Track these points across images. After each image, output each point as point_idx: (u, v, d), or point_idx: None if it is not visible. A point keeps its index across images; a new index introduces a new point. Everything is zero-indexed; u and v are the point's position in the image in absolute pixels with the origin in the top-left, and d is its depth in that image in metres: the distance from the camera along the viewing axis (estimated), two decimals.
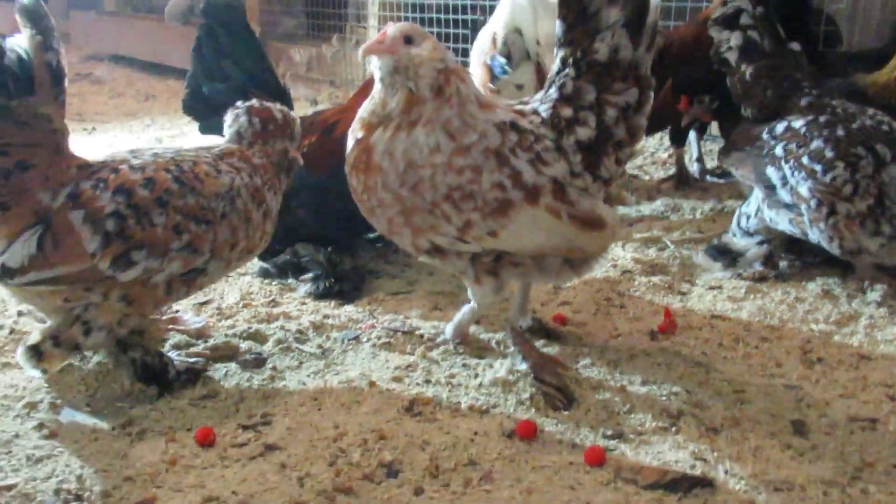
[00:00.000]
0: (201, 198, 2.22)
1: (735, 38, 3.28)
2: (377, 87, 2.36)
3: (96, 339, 2.20)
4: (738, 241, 3.33)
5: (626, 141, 2.40)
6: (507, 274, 2.43)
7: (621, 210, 4.08)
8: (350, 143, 2.39)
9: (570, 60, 2.37)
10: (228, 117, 2.53)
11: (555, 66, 2.42)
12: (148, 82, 8.60)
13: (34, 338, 2.22)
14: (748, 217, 3.26)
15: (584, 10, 2.32)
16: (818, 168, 2.88)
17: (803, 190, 2.91)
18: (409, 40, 2.26)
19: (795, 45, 3.26)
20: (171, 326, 2.71)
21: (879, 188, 2.81)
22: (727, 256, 3.31)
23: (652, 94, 2.43)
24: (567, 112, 2.34)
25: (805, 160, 2.92)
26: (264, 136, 2.49)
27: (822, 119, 2.99)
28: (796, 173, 2.94)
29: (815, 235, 2.94)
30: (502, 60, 3.77)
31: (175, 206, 2.17)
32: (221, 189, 2.26)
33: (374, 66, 2.32)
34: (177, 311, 2.83)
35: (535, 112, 2.39)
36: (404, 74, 2.26)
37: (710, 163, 4.65)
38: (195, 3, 9.30)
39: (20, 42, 2.06)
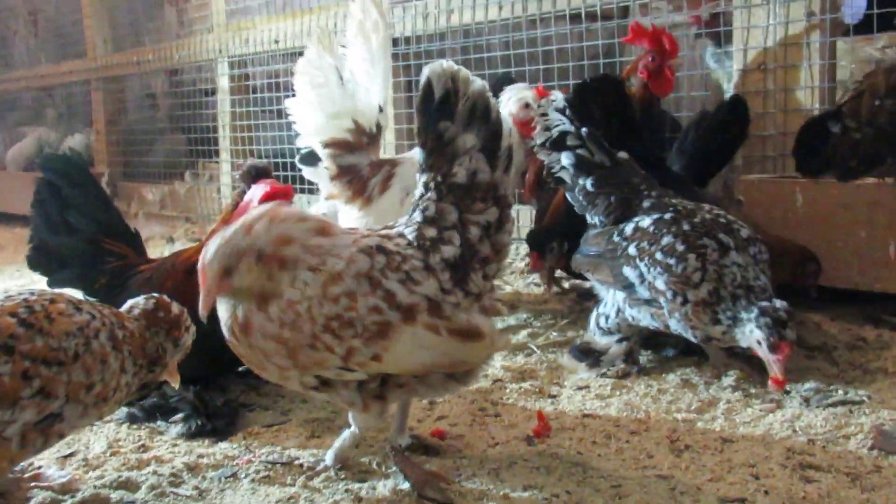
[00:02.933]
0: (50, 338, 2.15)
1: (566, 158, 3.48)
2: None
3: None
4: (598, 341, 3.47)
5: (492, 257, 2.51)
6: (394, 396, 2.46)
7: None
8: (224, 325, 2.38)
9: (432, 184, 2.48)
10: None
11: (418, 190, 2.53)
12: None
13: None
14: (606, 317, 3.42)
15: (440, 137, 2.45)
16: (672, 261, 3.07)
17: (660, 284, 3.09)
18: (227, 272, 2.26)
19: (623, 154, 3.50)
20: (34, 484, 2.57)
21: (718, 275, 3.02)
22: (590, 356, 3.44)
23: (511, 213, 2.57)
24: (431, 232, 2.44)
25: (658, 255, 3.11)
26: (151, 322, 2.49)
27: (666, 216, 3.20)
28: (652, 269, 3.12)
29: (674, 325, 3.10)
30: None
31: (22, 351, 2.10)
32: (73, 327, 2.21)
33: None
34: (39, 468, 2.69)
35: (401, 235, 2.47)
36: (237, 299, 2.31)
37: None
38: (41, 148, 9.15)
39: None
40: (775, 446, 2.68)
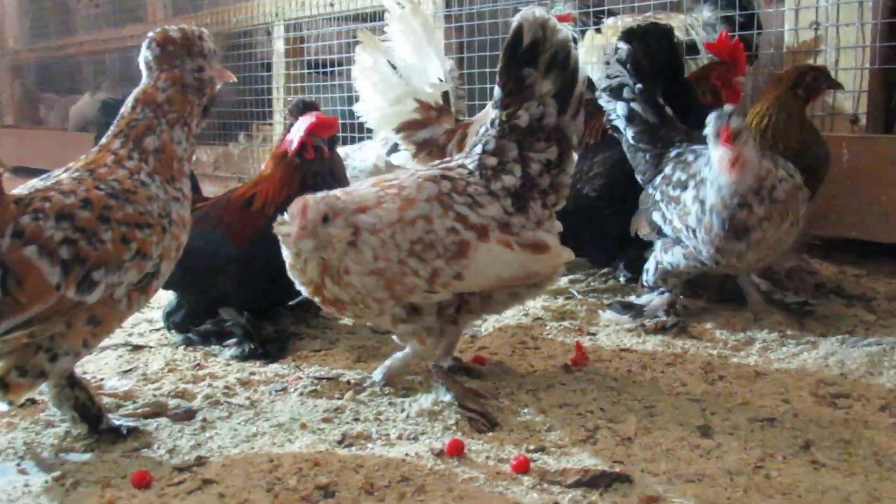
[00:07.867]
0: (137, 204, 2.29)
1: (621, 108, 3.56)
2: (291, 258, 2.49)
3: (63, 364, 2.24)
4: (640, 298, 3.49)
5: (551, 191, 2.66)
6: (464, 319, 2.65)
7: None
8: (308, 281, 2.50)
9: (497, 122, 2.64)
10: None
11: (482, 128, 2.68)
12: None
13: None
14: (647, 271, 3.45)
15: (521, 81, 2.60)
16: (678, 192, 3.16)
17: (676, 221, 3.17)
18: (325, 219, 2.40)
19: (668, 110, 3.54)
20: (99, 392, 2.73)
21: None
22: (632, 309, 3.45)
23: (573, 154, 2.69)
24: (492, 161, 2.62)
25: (670, 191, 3.20)
26: (168, 59, 2.47)
27: (684, 157, 3.28)
28: (670, 207, 3.21)
29: (705, 255, 3.13)
30: None
31: (117, 218, 2.25)
32: (152, 193, 2.35)
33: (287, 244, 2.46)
34: (101, 379, 2.86)
35: (461, 165, 2.65)
36: (322, 250, 2.41)
37: None
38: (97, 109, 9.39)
39: None
40: (807, 378, 2.74)
